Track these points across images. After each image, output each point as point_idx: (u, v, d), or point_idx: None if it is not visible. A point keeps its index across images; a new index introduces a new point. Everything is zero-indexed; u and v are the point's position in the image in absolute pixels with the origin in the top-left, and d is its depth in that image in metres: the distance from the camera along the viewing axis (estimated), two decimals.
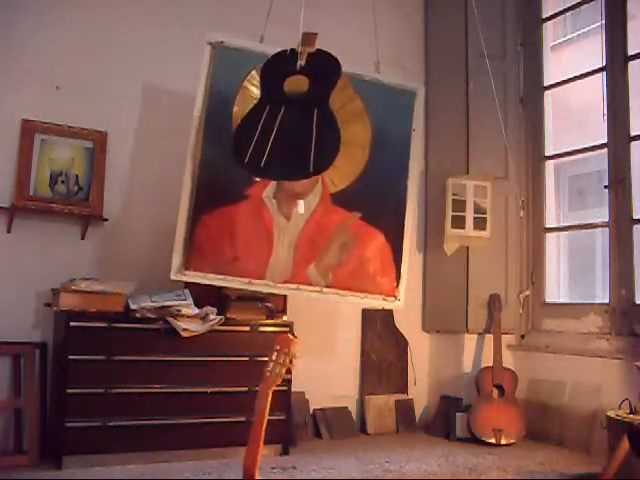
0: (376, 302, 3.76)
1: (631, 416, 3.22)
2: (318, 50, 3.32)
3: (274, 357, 2.32)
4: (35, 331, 3.60)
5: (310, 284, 3.56)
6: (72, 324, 3.27)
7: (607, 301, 4.08)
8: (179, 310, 3.46)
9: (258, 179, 3.48)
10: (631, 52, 4.08)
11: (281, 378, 2.33)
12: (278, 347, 2.33)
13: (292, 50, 3.30)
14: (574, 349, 4.12)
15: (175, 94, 4.01)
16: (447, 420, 4.32)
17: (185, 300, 3.53)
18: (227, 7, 4.22)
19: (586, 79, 4.43)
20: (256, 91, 3.45)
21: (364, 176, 3.68)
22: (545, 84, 4.70)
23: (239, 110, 3.44)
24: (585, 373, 4.01)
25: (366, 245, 3.68)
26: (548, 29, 4.86)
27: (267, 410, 2.31)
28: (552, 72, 4.75)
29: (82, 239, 3.77)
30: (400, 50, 4.76)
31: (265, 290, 3.54)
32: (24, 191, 3.61)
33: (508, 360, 4.41)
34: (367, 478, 3.32)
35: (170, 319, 3.43)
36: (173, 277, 3.38)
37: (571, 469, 3.51)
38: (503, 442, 4.05)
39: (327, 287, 3.59)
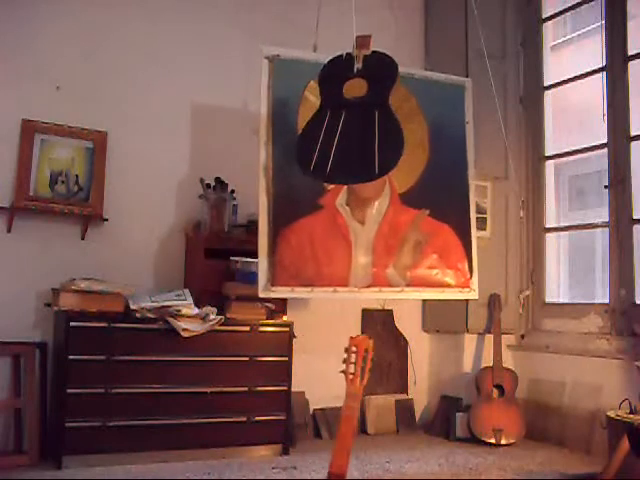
0: (454, 295, 3.87)
1: (631, 416, 3.23)
2: (374, 52, 3.33)
3: (352, 359, 2.32)
4: (35, 331, 3.60)
5: (391, 285, 3.64)
6: (72, 324, 3.27)
7: (607, 301, 4.09)
8: (179, 310, 3.46)
9: (330, 187, 3.53)
10: (631, 52, 4.08)
11: (367, 377, 2.33)
12: (354, 348, 2.32)
13: (348, 54, 3.32)
14: (574, 349, 4.12)
15: (176, 94, 4.02)
16: (447, 420, 4.32)
17: (185, 300, 3.53)
18: (228, 8, 4.22)
19: (586, 79, 4.43)
20: (316, 101, 3.45)
21: (427, 173, 3.76)
22: (545, 84, 4.70)
23: (303, 121, 3.45)
24: (585, 373, 4.01)
25: (437, 241, 3.78)
26: (548, 29, 4.86)
27: (358, 412, 2.29)
28: (552, 72, 4.75)
29: (82, 239, 3.77)
30: (400, 50, 4.74)
31: (350, 297, 3.60)
32: (24, 191, 3.61)
33: (508, 360, 4.41)
34: (367, 478, 3.32)
35: (170, 319, 3.43)
36: (261, 295, 3.40)
37: (571, 469, 3.51)
38: (503, 442, 4.06)
39: (407, 286, 3.67)
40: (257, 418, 3.60)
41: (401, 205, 3.71)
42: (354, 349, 2.32)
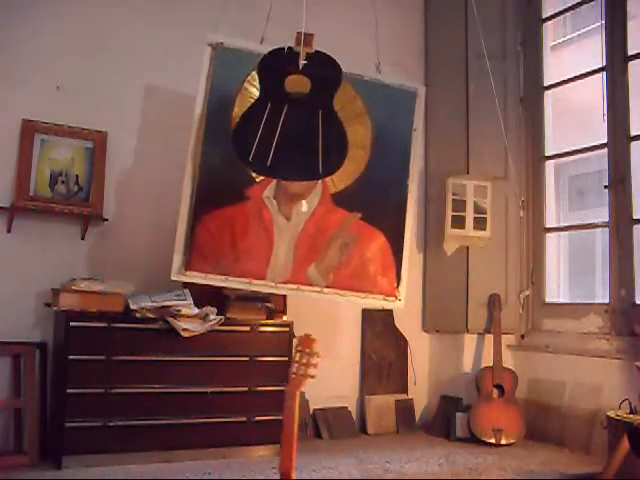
0: (377, 302, 3.78)
1: (631, 416, 3.23)
2: (317, 52, 3.31)
3: (297, 358, 2.30)
4: (35, 331, 3.60)
5: (310, 284, 3.57)
6: (72, 324, 3.27)
7: (607, 301, 4.08)
8: (179, 310, 3.46)
9: (259, 179, 3.48)
10: (631, 52, 4.08)
11: (308, 378, 2.31)
12: (300, 347, 2.31)
13: (290, 48, 3.29)
14: (574, 349, 4.12)
15: (175, 94, 4.01)
16: (447, 420, 4.32)
17: (185, 300, 3.53)
18: (228, 7, 4.22)
19: (586, 79, 4.43)
20: (256, 92, 3.45)
21: (365, 176, 3.69)
22: (545, 84, 4.70)
23: (239, 111, 3.44)
24: (585, 373, 4.01)
25: (366, 245, 3.69)
26: (548, 29, 4.86)
27: (297, 412, 2.29)
28: (552, 72, 4.75)
29: (82, 239, 3.77)
30: (400, 50, 4.76)
31: (265, 290, 3.55)
32: (24, 191, 3.61)
33: (508, 360, 4.41)
34: (367, 478, 3.32)
35: (170, 319, 3.43)
36: (174, 277, 3.39)
37: (571, 469, 3.51)
38: (503, 442, 4.05)
39: (327, 287, 3.60)
40: (257, 418, 3.60)
41: (332, 205, 3.64)
42: (299, 348, 2.31)
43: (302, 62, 3.25)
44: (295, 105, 3.22)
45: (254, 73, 3.46)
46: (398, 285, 3.76)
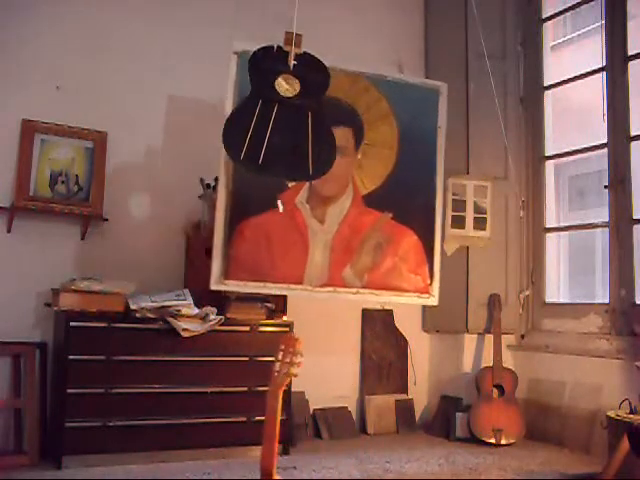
0: (411, 300, 3.84)
1: (631, 416, 3.23)
2: (306, 53, 3.32)
3: (280, 357, 2.32)
4: (35, 331, 3.60)
5: (346, 286, 3.62)
6: (72, 324, 3.27)
7: (607, 301, 4.08)
8: (179, 310, 3.46)
9: (291, 184, 3.51)
10: (631, 52, 4.08)
11: (290, 377, 2.33)
12: (283, 347, 2.33)
13: (279, 47, 3.29)
14: (574, 349, 4.12)
15: (176, 94, 4.02)
16: (447, 420, 4.32)
17: (185, 300, 3.53)
18: (227, 7, 4.22)
19: (586, 79, 4.43)
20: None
21: (393, 176, 3.74)
22: (545, 84, 4.70)
23: None
24: (585, 373, 4.01)
25: (399, 244, 3.74)
26: (548, 29, 4.86)
27: (279, 410, 2.30)
28: (552, 72, 4.75)
29: (82, 239, 3.77)
30: (400, 50, 4.76)
31: (304, 295, 3.58)
32: (24, 191, 3.61)
33: (508, 360, 4.41)
34: (367, 478, 3.32)
35: (170, 319, 3.43)
36: (213, 287, 3.39)
37: (571, 469, 3.51)
38: (503, 442, 4.06)
39: (363, 288, 3.64)
40: (257, 418, 3.59)
41: (364, 206, 3.68)
42: (282, 347, 2.33)
43: (292, 62, 3.25)
44: (285, 105, 3.23)
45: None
46: (431, 282, 3.82)
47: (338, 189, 3.64)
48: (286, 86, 3.22)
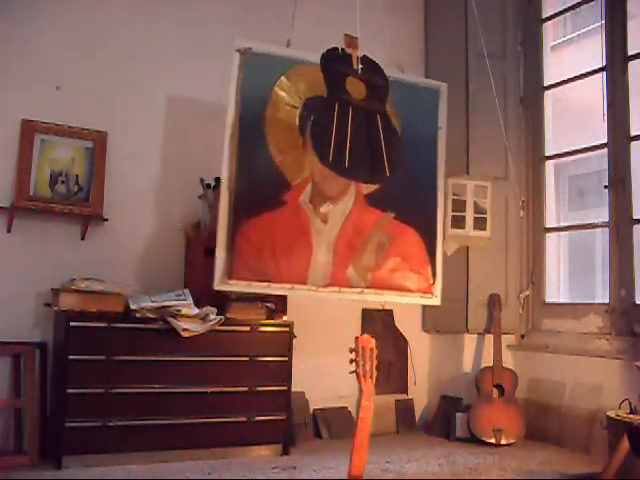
0: (415, 300, 3.84)
1: (631, 416, 3.22)
2: (365, 56, 3.36)
3: (361, 359, 2.35)
4: (35, 331, 3.60)
5: (350, 286, 3.60)
6: (72, 324, 3.27)
7: (607, 301, 4.08)
8: (179, 310, 3.46)
9: (294, 183, 3.50)
10: (631, 52, 4.08)
11: (375, 376, 2.39)
12: (362, 348, 2.34)
13: (343, 50, 3.32)
14: (574, 349, 4.12)
15: (176, 94, 4.02)
16: (447, 420, 4.32)
17: (185, 300, 3.53)
18: (227, 6, 4.23)
19: (586, 79, 4.43)
20: (287, 97, 3.47)
21: (395, 175, 3.71)
22: (545, 84, 4.70)
23: (271, 117, 3.45)
24: (585, 373, 4.01)
25: (401, 244, 3.74)
26: (548, 29, 4.86)
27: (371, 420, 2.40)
28: (552, 72, 4.75)
29: (82, 239, 3.76)
30: (400, 50, 4.76)
31: (308, 295, 3.57)
32: (24, 191, 3.61)
33: (508, 360, 4.41)
34: (367, 478, 3.32)
35: (170, 319, 3.43)
36: (217, 287, 3.35)
37: (571, 469, 3.51)
38: (503, 442, 4.06)
39: (367, 288, 3.63)
40: (257, 418, 3.60)
41: (366, 206, 3.66)
42: (361, 349, 2.33)
43: (360, 67, 3.28)
44: (358, 109, 3.26)
45: (283, 78, 3.48)
46: (434, 282, 3.82)
47: (341, 189, 3.62)
48: (356, 89, 3.26)
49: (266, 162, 3.42)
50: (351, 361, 2.41)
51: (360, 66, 3.31)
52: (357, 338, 2.45)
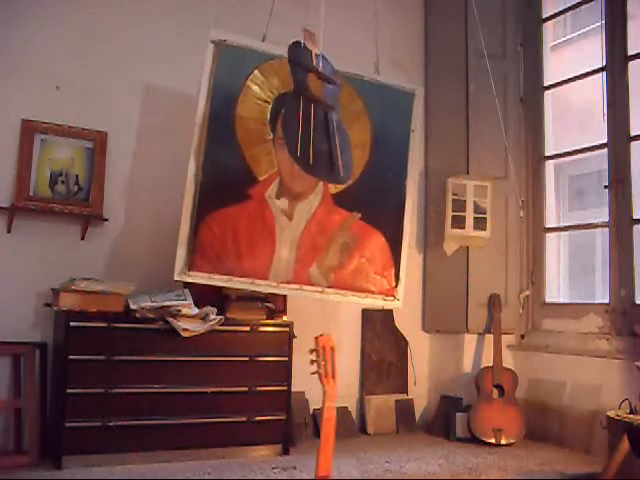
0: (376, 302, 3.81)
1: (631, 416, 3.22)
2: (322, 54, 3.33)
3: (322, 359, 2.35)
4: (35, 331, 3.60)
5: (312, 284, 3.58)
6: (72, 324, 3.27)
7: (607, 301, 4.08)
8: (179, 310, 3.46)
9: (261, 178, 3.47)
10: (631, 52, 4.08)
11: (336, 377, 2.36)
12: (322, 348, 2.35)
13: (305, 45, 3.29)
14: (574, 349, 4.12)
15: (176, 93, 4.01)
16: (447, 420, 4.32)
17: (185, 300, 3.53)
18: (229, 6, 4.22)
19: (586, 79, 4.43)
20: (259, 91, 3.46)
21: (364, 176, 3.71)
22: (545, 84, 4.70)
23: (242, 110, 3.45)
24: (585, 373, 4.01)
25: (366, 245, 3.71)
26: (548, 29, 4.86)
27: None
28: (552, 72, 4.75)
29: (82, 239, 3.77)
30: (400, 50, 4.76)
31: (268, 290, 3.55)
32: (24, 191, 3.61)
33: (508, 360, 4.41)
34: (367, 478, 3.32)
35: (170, 319, 3.43)
36: (177, 278, 3.36)
37: (571, 469, 3.51)
38: (503, 442, 4.06)
39: (329, 287, 3.62)
40: (257, 418, 3.60)
41: (333, 205, 3.64)
42: (322, 349, 2.33)
43: (321, 64, 3.27)
44: (318, 106, 3.24)
45: (257, 72, 3.46)
46: (397, 285, 3.78)
47: (308, 186, 3.59)
48: (315, 85, 3.23)
49: (234, 155, 3.41)
50: (312, 362, 2.41)
51: (320, 63, 3.28)
52: (317, 338, 2.45)
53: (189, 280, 3.40)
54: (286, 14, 3.71)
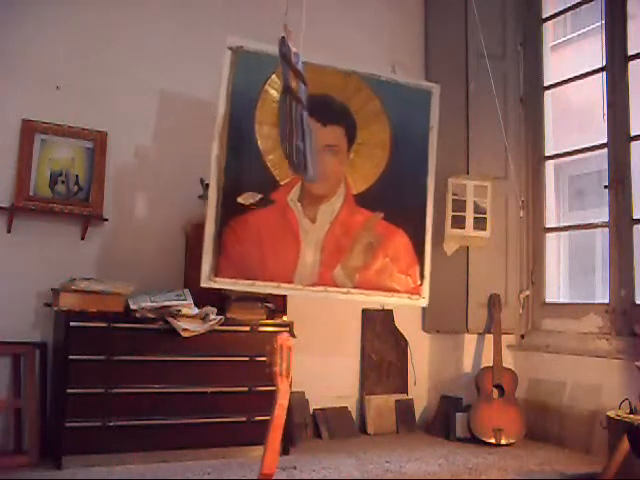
0: (402, 301, 3.81)
1: (631, 416, 3.22)
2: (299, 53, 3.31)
3: (278, 358, 2.35)
4: (35, 331, 3.60)
5: (337, 286, 3.60)
6: (72, 324, 3.27)
7: (607, 301, 4.08)
8: (179, 310, 3.46)
9: (283, 182, 3.49)
10: (631, 52, 4.08)
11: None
12: (280, 345, 2.35)
13: (283, 39, 3.27)
14: (574, 349, 4.12)
15: (176, 94, 4.02)
16: (447, 420, 4.32)
17: (185, 300, 3.53)
18: (229, 6, 4.23)
19: (586, 79, 4.42)
20: (277, 95, 3.44)
21: (385, 176, 3.72)
22: (545, 84, 4.70)
23: (261, 115, 3.45)
24: (585, 373, 4.01)
25: (390, 245, 3.72)
26: (548, 29, 4.86)
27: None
28: (552, 72, 4.75)
29: (82, 239, 3.77)
30: (400, 50, 4.77)
31: (294, 294, 3.57)
32: (24, 191, 3.61)
33: (508, 360, 4.41)
34: (367, 478, 3.32)
35: (170, 319, 3.43)
36: (203, 284, 3.35)
37: (571, 469, 3.51)
38: (503, 442, 4.06)
39: (354, 288, 3.62)
40: (257, 418, 3.59)
41: (355, 206, 3.66)
42: (280, 347, 2.34)
43: (302, 60, 3.23)
44: (297, 104, 3.21)
45: (274, 76, 3.46)
46: (422, 283, 3.79)
47: (330, 188, 3.62)
48: (295, 84, 3.21)
49: (256, 160, 3.42)
50: (268, 360, 2.42)
51: (302, 60, 3.27)
52: (275, 337, 2.46)
53: (215, 286, 3.40)
54: (292, 16, 3.70)
